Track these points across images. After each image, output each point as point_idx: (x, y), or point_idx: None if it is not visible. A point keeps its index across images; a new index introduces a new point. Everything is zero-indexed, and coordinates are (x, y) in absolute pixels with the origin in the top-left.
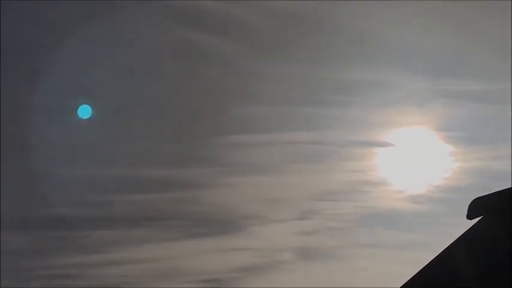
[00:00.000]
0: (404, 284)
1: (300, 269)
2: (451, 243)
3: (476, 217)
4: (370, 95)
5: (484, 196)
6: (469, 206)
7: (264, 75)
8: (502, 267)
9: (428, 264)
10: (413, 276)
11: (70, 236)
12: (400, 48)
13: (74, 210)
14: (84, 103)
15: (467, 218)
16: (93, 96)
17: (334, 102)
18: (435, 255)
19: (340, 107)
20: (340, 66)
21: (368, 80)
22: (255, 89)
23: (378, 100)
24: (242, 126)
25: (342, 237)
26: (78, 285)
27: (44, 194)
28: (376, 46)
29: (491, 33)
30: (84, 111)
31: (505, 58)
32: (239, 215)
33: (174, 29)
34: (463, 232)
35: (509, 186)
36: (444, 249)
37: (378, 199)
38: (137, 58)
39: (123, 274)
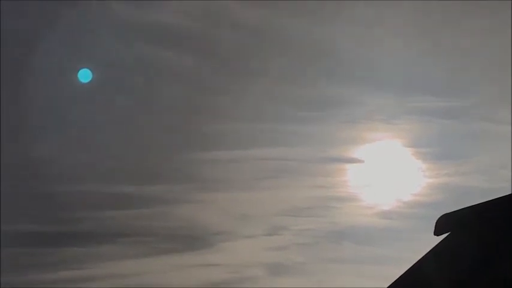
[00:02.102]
0: None
1: (269, 285)
2: (419, 260)
3: (443, 233)
4: (339, 111)
5: (450, 213)
6: (436, 222)
7: (233, 92)
8: (469, 283)
9: (396, 279)
10: None
11: (40, 253)
12: (367, 66)
13: (44, 227)
14: None
15: (435, 235)
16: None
17: (303, 118)
18: (404, 271)
19: (309, 124)
20: (309, 83)
21: (336, 96)
22: (225, 105)
23: (346, 117)
24: (211, 143)
25: (312, 252)
26: None
27: (13, 210)
28: (343, 63)
29: (457, 52)
30: (85, 75)
31: (471, 76)
32: (209, 231)
33: (142, 47)
34: (431, 248)
35: (477, 203)
36: (412, 265)
37: (347, 215)
38: (110, 75)
39: None
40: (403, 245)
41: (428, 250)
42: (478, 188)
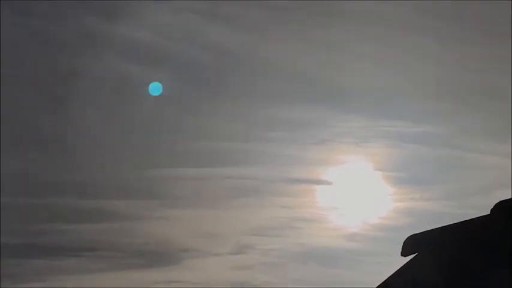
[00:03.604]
0: None
1: None
2: (384, 280)
3: (410, 254)
4: (309, 132)
5: (418, 234)
6: (404, 243)
7: (202, 110)
8: None
9: None
10: None
11: (3, 264)
12: (339, 88)
13: (9, 238)
14: None
15: (402, 255)
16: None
17: (272, 139)
18: None
19: (277, 144)
20: (277, 104)
21: (306, 118)
22: (193, 124)
23: (316, 138)
24: (179, 160)
25: (277, 272)
26: None
27: None
28: (315, 86)
29: (431, 78)
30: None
31: (443, 103)
32: (175, 248)
33: (114, 62)
34: (397, 269)
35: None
36: (377, 286)
37: (313, 236)
38: (77, 89)
39: None
40: (368, 268)
41: (393, 272)
42: (445, 213)
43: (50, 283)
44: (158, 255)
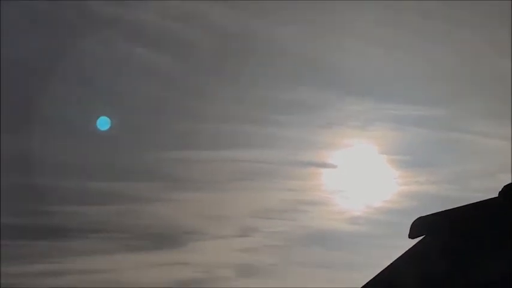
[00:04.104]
0: None
1: (238, 286)
2: (392, 262)
3: (418, 236)
4: (314, 116)
5: (427, 216)
6: (412, 225)
7: (209, 93)
8: (444, 286)
9: (369, 281)
10: None
11: (11, 245)
12: (345, 72)
13: (16, 220)
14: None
15: (409, 237)
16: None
17: (278, 121)
18: (372, 276)
19: (284, 127)
20: (285, 86)
21: (312, 101)
22: (199, 106)
23: (322, 121)
24: (185, 142)
25: (281, 255)
26: None
27: None
28: (321, 69)
29: (436, 61)
30: (103, 123)
31: (448, 86)
32: (180, 230)
33: (118, 44)
34: (405, 251)
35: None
36: (385, 268)
37: (318, 219)
38: (80, 71)
39: (63, 285)
40: (372, 251)
41: (396, 257)
42: (448, 197)
43: (57, 264)
44: (164, 238)
